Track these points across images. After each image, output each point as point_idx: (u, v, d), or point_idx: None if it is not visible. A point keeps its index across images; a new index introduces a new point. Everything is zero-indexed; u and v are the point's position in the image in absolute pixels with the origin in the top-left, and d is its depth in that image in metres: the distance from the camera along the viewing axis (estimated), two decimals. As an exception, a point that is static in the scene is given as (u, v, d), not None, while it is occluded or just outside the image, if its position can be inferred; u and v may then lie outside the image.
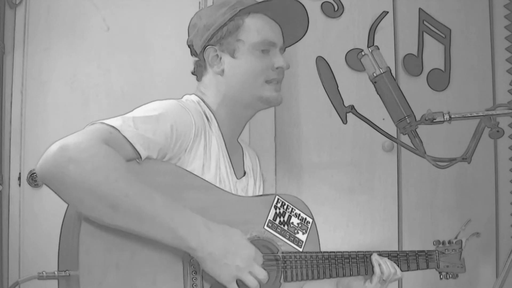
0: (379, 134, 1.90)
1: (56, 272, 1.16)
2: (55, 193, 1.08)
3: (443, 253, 1.63)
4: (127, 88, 2.37)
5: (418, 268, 1.55)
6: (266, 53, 1.40)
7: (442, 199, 2.62)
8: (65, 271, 1.14)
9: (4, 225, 2.28)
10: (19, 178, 2.31)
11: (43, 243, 2.19)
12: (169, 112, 1.26)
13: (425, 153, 1.79)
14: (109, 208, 1.07)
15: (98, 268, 1.09)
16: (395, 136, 1.98)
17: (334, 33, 2.55)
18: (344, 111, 1.89)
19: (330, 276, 1.39)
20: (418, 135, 1.79)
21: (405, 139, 1.86)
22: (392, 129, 1.91)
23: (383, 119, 1.89)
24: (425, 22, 2.62)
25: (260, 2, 1.42)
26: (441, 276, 1.64)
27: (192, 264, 1.19)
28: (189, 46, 1.50)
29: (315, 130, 2.53)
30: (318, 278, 1.37)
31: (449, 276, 1.64)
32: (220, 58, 1.41)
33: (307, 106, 2.52)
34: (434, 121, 1.72)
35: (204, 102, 1.42)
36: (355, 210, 2.53)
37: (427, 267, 1.58)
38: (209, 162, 1.33)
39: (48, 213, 2.23)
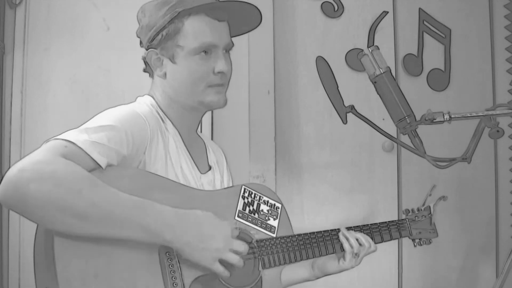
0: (379, 134, 1.90)
1: None
2: (22, 215, 1.07)
3: (414, 220, 1.64)
4: (127, 88, 2.36)
5: (391, 238, 1.56)
6: (208, 56, 1.37)
7: (442, 199, 2.61)
8: None
9: (4, 225, 2.28)
10: (19, 178, 2.30)
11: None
12: (122, 119, 1.25)
13: (425, 153, 1.79)
14: (78, 219, 1.06)
15: (78, 281, 1.09)
16: (395, 136, 1.98)
17: (334, 33, 2.55)
18: (344, 111, 1.90)
19: (307, 257, 1.41)
20: (418, 135, 1.80)
21: (405, 139, 1.86)
22: (392, 129, 1.92)
23: (383, 119, 1.89)
24: (425, 22, 2.62)
25: (201, 5, 1.37)
26: (415, 244, 1.65)
27: (169, 263, 1.19)
28: (138, 37, 1.50)
29: (315, 130, 2.53)
30: (295, 260, 1.39)
31: (423, 243, 1.66)
32: (162, 61, 1.40)
33: (307, 106, 2.52)
34: (434, 121, 1.73)
35: (156, 102, 1.41)
36: (355, 210, 2.53)
37: (400, 236, 1.59)
38: (170, 161, 1.33)
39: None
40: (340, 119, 1.87)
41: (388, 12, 2.56)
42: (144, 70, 1.49)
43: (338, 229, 1.49)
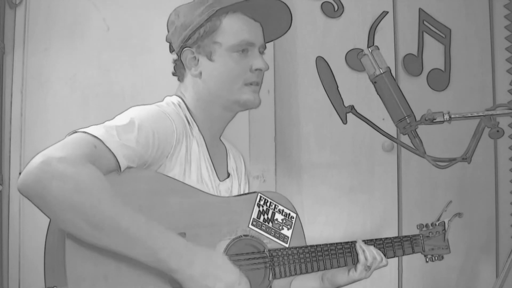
0: (379, 134, 1.90)
1: None
2: (37, 207, 1.07)
3: (428, 236, 1.63)
4: (127, 88, 2.37)
5: (404, 254, 1.56)
6: (245, 54, 1.37)
7: (442, 199, 2.61)
8: (53, 287, 1.13)
9: (4, 225, 2.28)
10: (19, 178, 2.31)
11: (43, 244, 2.19)
12: (150, 120, 1.24)
13: (425, 153, 1.79)
14: (92, 228, 1.06)
15: (87, 282, 1.09)
16: (395, 136, 1.98)
17: (334, 33, 2.55)
18: (344, 111, 1.90)
19: (318, 269, 1.39)
20: (418, 135, 1.80)
21: (405, 139, 1.86)
22: (392, 129, 1.92)
23: (383, 119, 1.89)
24: (425, 22, 2.62)
25: (238, 2, 1.37)
26: (427, 259, 1.65)
27: None
28: (168, 43, 1.48)
29: (315, 130, 2.53)
30: (306, 272, 1.37)
31: (435, 259, 1.65)
32: (198, 60, 1.38)
33: (307, 106, 2.52)
34: (434, 121, 1.73)
35: (184, 103, 1.40)
36: (355, 210, 2.53)
37: (413, 252, 1.59)
38: (190, 166, 1.32)
39: (48, 213, 2.23)
40: (340, 119, 1.87)
41: (388, 12, 2.56)
42: (173, 74, 1.47)
43: (352, 242, 1.47)
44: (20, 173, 2.30)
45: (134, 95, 2.33)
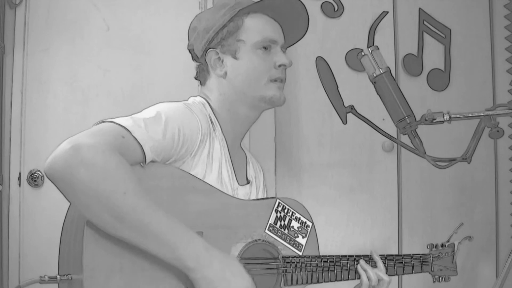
0: (379, 134, 1.90)
1: (58, 276, 1.15)
2: (62, 193, 1.07)
3: (437, 256, 1.64)
4: (127, 88, 2.37)
5: (413, 272, 1.56)
6: (268, 51, 1.39)
7: (442, 199, 2.62)
8: (67, 275, 1.13)
9: (4, 225, 2.28)
10: (19, 178, 2.31)
11: (43, 243, 2.19)
12: (177, 115, 1.25)
13: (425, 153, 1.79)
14: (114, 218, 1.06)
15: (102, 272, 1.09)
16: (395, 136, 1.98)
17: (334, 33, 2.55)
18: (344, 111, 1.90)
19: (329, 280, 1.39)
20: (418, 135, 1.80)
21: (405, 139, 1.86)
22: (392, 129, 1.92)
23: (383, 119, 1.89)
24: (425, 22, 2.62)
25: (259, 2, 1.40)
26: (434, 280, 1.66)
27: None
28: (189, 51, 1.48)
29: (315, 130, 2.52)
30: (318, 282, 1.38)
31: (442, 279, 1.66)
32: (222, 61, 1.40)
33: (307, 106, 2.52)
34: (434, 121, 1.73)
35: (209, 104, 1.41)
36: (355, 210, 2.53)
37: (422, 271, 1.60)
38: (211, 166, 1.33)
39: (48, 213, 2.23)
40: (340, 119, 1.87)
41: (388, 12, 2.56)
42: (196, 78, 1.48)
43: (365, 255, 1.47)
44: (20, 174, 2.30)
45: (134, 95, 2.33)
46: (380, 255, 1.50)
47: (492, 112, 1.74)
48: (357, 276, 1.44)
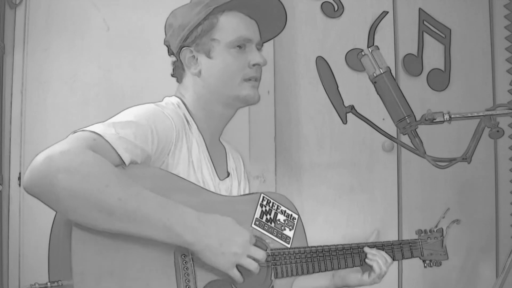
0: (379, 134, 1.90)
1: (48, 283, 1.15)
2: (46, 204, 1.07)
3: (426, 241, 1.66)
4: (127, 88, 2.37)
5: (403, 257, 1.58)
6: (243, 50, 1.39)
7: (442, 199, 2.62)
8: (57, 282, 1.13)
9: (4, 225, 2.28)
10: (19, 178, 2.31)
11: (43, 244, 2.18)
12: (148, 117, 1.25)
13: (425, 153, 1.79)
14: (103, 213, 1.06)
15: (92, 276, 1.09)
16: (395, 136, 1.98)
17: (334, 33, 2.55)
18: (344, 111, 1.89)
19: (320, 270, 1.41)
20: (418, 135, 1.79)
21: (405, 139, 1.86)
22: (392, 129, 1.91)
23: (383, 119, 1.89)
24: (425, 22, 2.62)
25: (234, 0, 1.39)
26: (425, 265, 1.68)
27: (184, 266, 1.19)
28: (166, 46, 1.49)
29: (315, 130, 2.53)
30: (308, 273, 1.39)
31: (433, 264, 1.68)
32: (197, 59, 1.40)
33: (307, 106, 2.52)
34: (434, 121, 1.73)
35: (184, 104, 1.41)
36: (355, 210, 2.53)
37: (412, 256, 1.61)
38: (192, 165, 1.34)
39: (48, 213, 2.22)
40: (340, 119, 1.86)
41: (388, 12, 2.56)
42: (172, 75, 1.48)
43: (354, 244, 1.49)
44: (20, 174, 2.30)
45: (134, 95, 2.33)
46: (370, 243, 1.52)
47: (492, 112, 1.74)
48: (346, 265, 1.46)
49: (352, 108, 1.89)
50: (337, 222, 2.48)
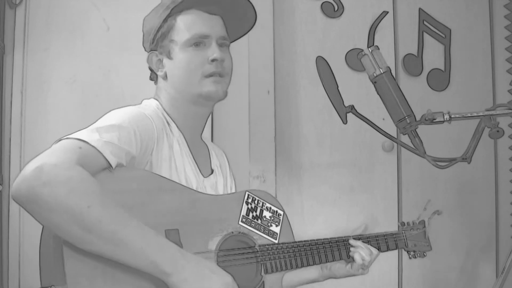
0: (379, 134, 1.90)
1: None
2: (31, 215, 1.08)
3: (409, 233, 1.69)
4: (127, 88, 2.36)
5: (388, 249, 1.61)
6: (201, 48, 1.38)
7: (442, 199, 2.62)
8: (50, 286, 1.13)
9: (4, 225, 2.28)
10: (19, 178, 2.30)
11: (43, 243, 2.19)
12: (130, 119, 1.26)
13: (425, 153, 1.79)
14: (83, 232, 1.06)
15: (85, 279, 1.09)
16: (395, 136, 1.98)
17: (334, 33, 2.55)
18: (344, 111, 1.90)
19: (308, 264, 1.43)
20: (418, 135, 1.80)
21: (405, 139, 1.86)
22: (392, 129, 1.92)
23: (383, 119, 1.89)
24: (425, 22, 2.62)
25: None
26: (410, 256, 1.70)
27: None
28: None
29: (315, 130, 2.53)
30: (297, 267, 1.41)
31: (418, 255, 1.70)
32: (162, 62, 1.42)
33: (307, 106, 2.52)
34: (434, 121, 1.73)
35: (161, 105, 1.43)
36: (355, 210, 2.53)
37: (397, 248, 1.64)
38: (174, 164, 1.35)
39: (48, 213, 2.23)
40: (340, 119, 1.87)
41: (388, 12, 2.56)
42: (150, 78, 1.50)
43: (341, 237, 1.53)
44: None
45: (134, 95, 2.31)
46: (354, 236, 1.56)
47: (492, 112, 1.74)
48: (333, 258, 1.49)
49: (352, 108, 1.89)
50: (337, 222, 2.48)
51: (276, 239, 1.41)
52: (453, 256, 2.61)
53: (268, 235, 1.40)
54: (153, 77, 1.48)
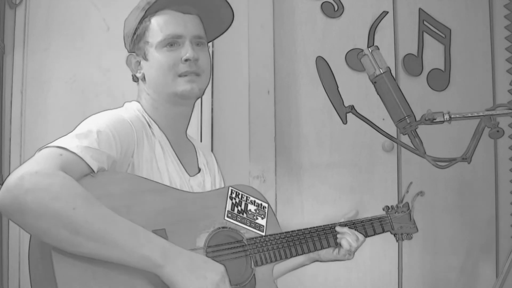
0: (379, 134, 1.90)
1: None
2: (18, 225, 1.08)
3: (394, 216, 1.71)
4: (127, 88, 2.36)
5: (375, 233, 1.64)
6: (175, 48, 1.39)
7: (442, 199, 2.62)
8: None
9: (4, 225, 2.28)
10: (19, 178, 2.30)
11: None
12: (108, 123, 1.26)
13: (425, 153, 1.79)
14: (72, 234, 1.06)
15: (77, 283, 1.09)
16: (395, 136, 1.98)
17: (334, 33, 2.55)
18: (344, 111, 1.90)
19: (297, 254, 1.45)
20: (418, 135, 1.80)
21: (405, 139, 1.86)
22: (392, 129, 1.92)
23: (383, 119, 1.90)
24: (425, 22, 2.62)
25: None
26: (397, 239, 1.72)
27: None
28: None
29: (315, 130, 2.53)
30: (286, 257, 1.42)
31: (405, 238, 1.72)
32: (139, 64, 1.43)
33: (307, 106, 2.52)
34: (434, 121, 1.73)
35: (142, 107, 1.43)
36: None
37: (383, 231, 1.67)
38: (156, 165, 1.35)
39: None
40: (340, 119, 1.87)
41: (388, 12, 2.56)
42: (133, 79, 1.51)
43: (327, 225, 1.55)
44: (20, 173, 2.30)
45: (134, 95, 2.33)
46: (340, 223, 1.58)
47: (492, 112, 1.74)
48: (322, 246, 1.51)
49: (352, 108, 1.89)
50: (337, 222, 2.48)
51: (263, 232, 1.42)
52: (453, 256, 2.61)
53: (255, 228, 1.41)
54: (135, 78, 1.49)
